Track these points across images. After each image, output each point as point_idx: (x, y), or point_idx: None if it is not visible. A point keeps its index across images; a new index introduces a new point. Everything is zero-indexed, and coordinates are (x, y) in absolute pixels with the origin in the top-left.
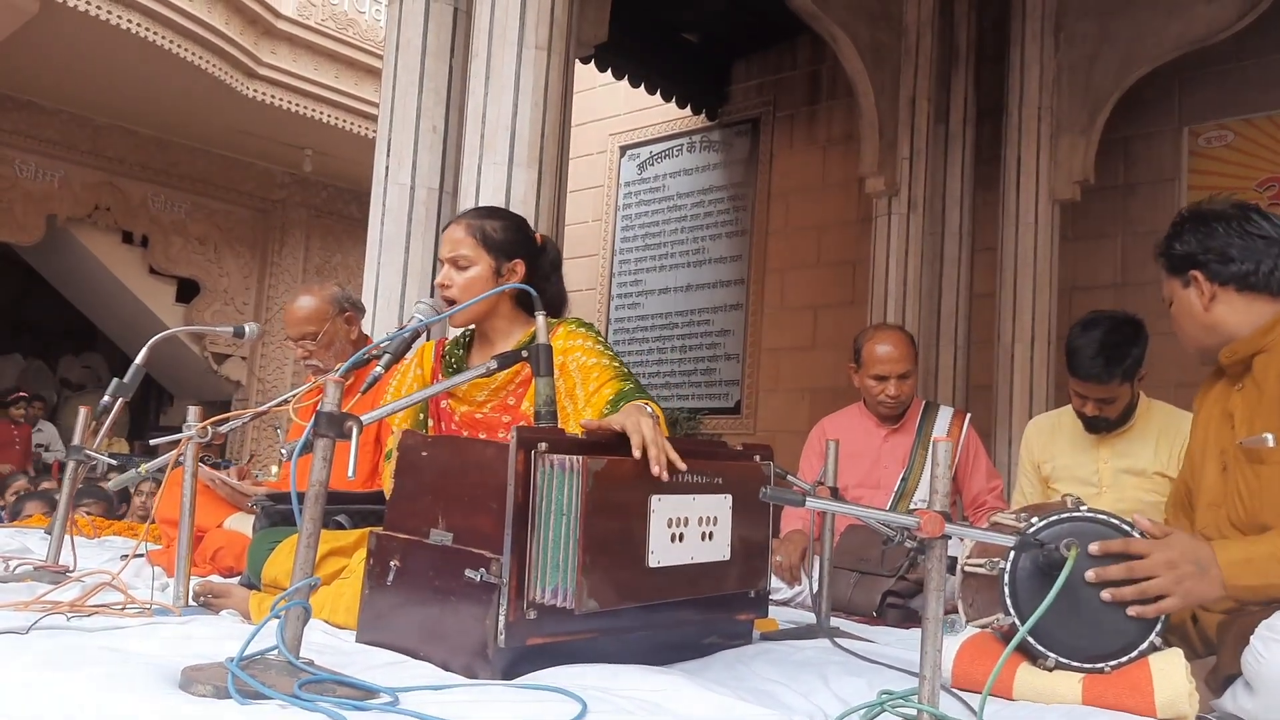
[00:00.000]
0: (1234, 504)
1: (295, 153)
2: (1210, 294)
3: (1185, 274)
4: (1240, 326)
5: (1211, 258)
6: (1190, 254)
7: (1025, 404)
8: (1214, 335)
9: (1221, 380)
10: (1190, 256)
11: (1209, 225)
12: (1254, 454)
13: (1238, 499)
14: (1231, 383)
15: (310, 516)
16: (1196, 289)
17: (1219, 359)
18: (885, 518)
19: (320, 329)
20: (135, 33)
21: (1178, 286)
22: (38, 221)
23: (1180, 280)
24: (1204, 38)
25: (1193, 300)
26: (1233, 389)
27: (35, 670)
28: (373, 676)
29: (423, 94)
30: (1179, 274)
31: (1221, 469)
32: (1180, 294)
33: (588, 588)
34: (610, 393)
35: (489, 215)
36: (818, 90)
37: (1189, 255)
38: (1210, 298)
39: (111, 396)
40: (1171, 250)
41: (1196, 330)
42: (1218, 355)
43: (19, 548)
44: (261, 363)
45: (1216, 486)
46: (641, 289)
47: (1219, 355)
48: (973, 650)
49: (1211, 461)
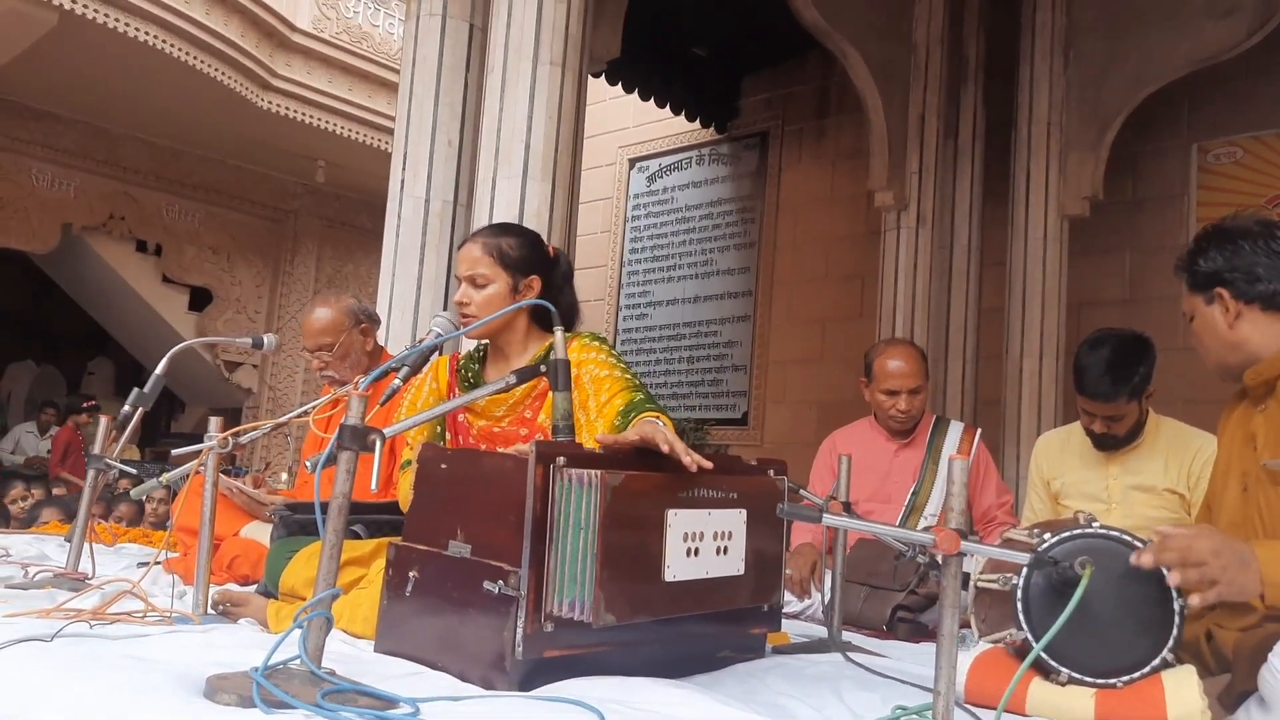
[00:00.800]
0: (1254, 524)
1: (308, 163)
2: (1235, 312)
3: (1209, 291)
4: (1264, 346)
5: (1238, 276)
6: (1215, 271)
7: (1034, 419)
8: (1237, 354)
9: (1244, 402)
10: (1215, 274)
11: (1235, 242)
12: (1276, 476)
13: (1258, 519)
14: (1254, 404)
15: (333, 528)
16: (1221, 306)
17: (1243, 380)
18: (901, 535)
19: (336, 340)
20: (152, 45)
21: (1200, 303)
22: (53, 230)
23: (1204, 297)
24: (1213, 55)
25: (1217, 318)
26: (1255, 411)
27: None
28: (391, 686)
29: (438, 108)
30: (1202, 290)
31: (1242, 489)
32: (1203, 310)
33: (605, 601)
34: (621, 403)
35: (505, 232)
36: (826, 105)
37: (1214, 272)
38: (1235, 316)
39: (132, 406)
40: (1195, 266)
41: (1219, 348)
42: (1238, 374)
43: (37, 554)
44: (273, 371)
45: (1237, 506)
46: (649, 300)
47: (1243, 376)
48: (985, 665)
49: (1233, 482)
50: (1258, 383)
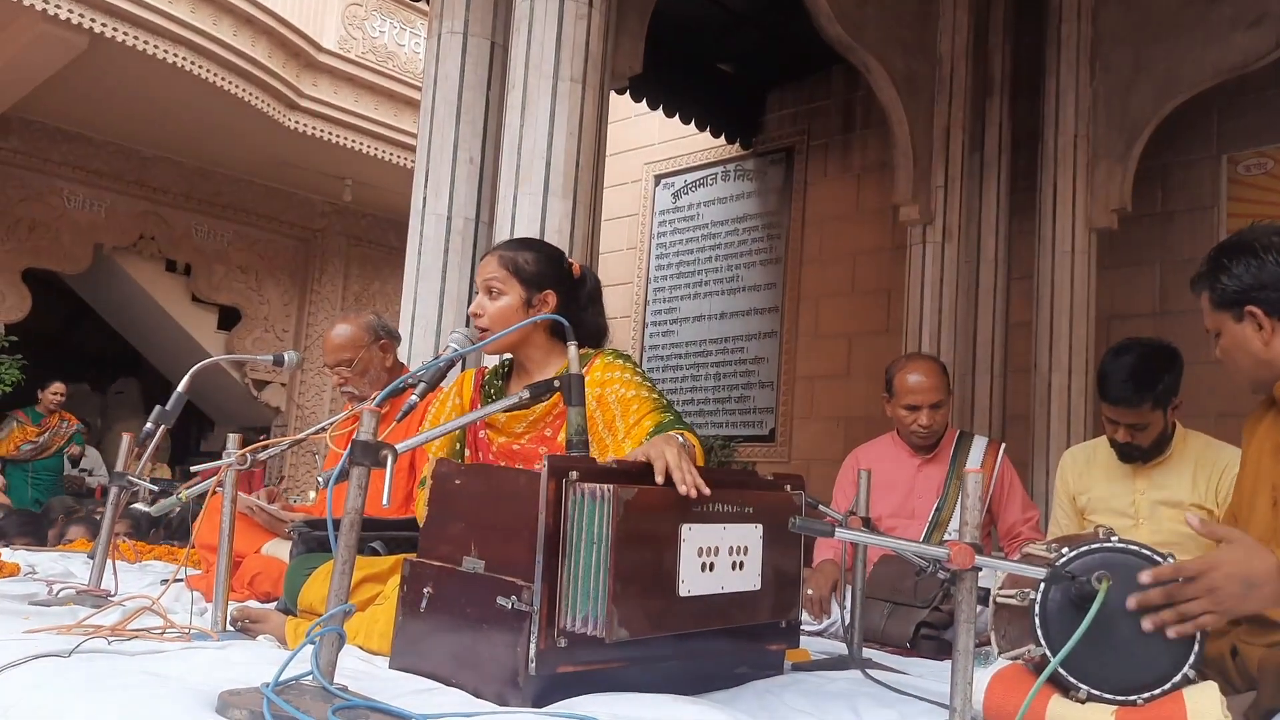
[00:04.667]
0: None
1: (335, 183)
2: (1271, 328)
3: (1239, 309)
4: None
5: (1269, 292)
6: (1244, 289)
7: (1063, 433)
8: (1271, 370)
9: (1272, 411)
10: (1244, 291)
11: (1259, 257)
12: None
13: None
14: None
15: (345, 544)
16: (1253, 324)
17: (1273, 391)
18: (916, 549)
19: (356, 356)
20: (181, 67)
21: (1229, 320)
22: (85, 251)
23: (1232, 314)
24: (1241, 65)
25: (1250, 336)
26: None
27: (76, 693)
28: (405, 703)
29: (460, 126)
30: (1230, 308)
31: (1272, 504)
32: (1232, 328)
33: (619, 616)
34: (650, 424)
35: (523, 247)
36: (852, 119)
37: (1242, 290)
38: (1271, 332)
39: (154, 424)
40: (1220, 284)
41: (1252, 365)
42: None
43: (62, 572)
44: (301, 389)
45: (1267, 522)
46: (676, 316)
47: (1273, 388)
48: (1004, 682)
49: (1262, 496)
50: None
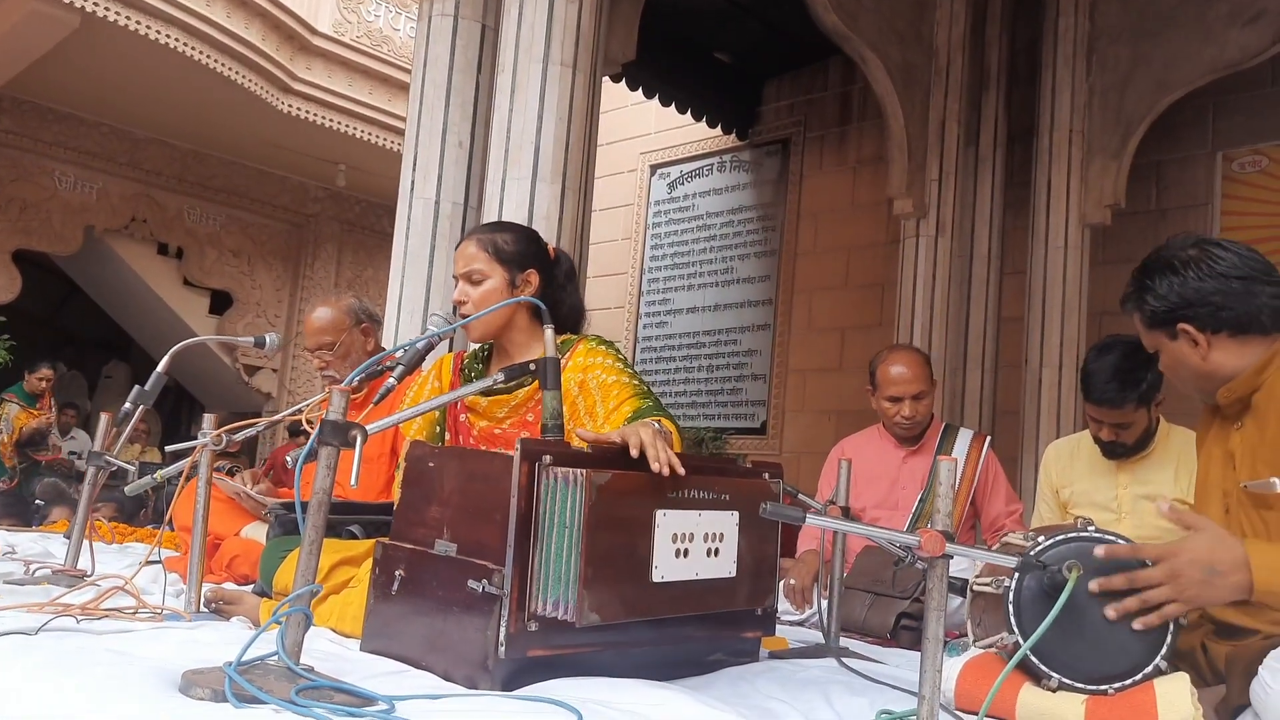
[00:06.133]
0: None
1: (329, 167)
2: (1206, 343)
3: (1171, 327)
4: (1240, 368)
5: (1197, 309)
6: (1172, 308)
7: (1053, 428)
8: (1212, 381)
9: (1217, 419)
10: (1172, 311)
11: (1180, 274)
12: (1259, 499)
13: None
14: (1229, 422)
15: (313, 524)
16: (1188, 340)
17: (1216, 399)
18: (888, 536)
19: (337, 339)
20: (174, 47)
21: (1163, 339)
22: (76, 232)
23: (1165, 333)
24: (1238, 62)
25: (1186, 351)
26: (1231, 428)
27: (39, 671)
28: (374, 685)
29: (449, 109)
30: (1163, 328)
31: (1224, 510)
32: (1169, 346)
33: (589, 600)
34: (630, 410)
35: (499, 229)
36: (848, 111)
37: (1170, 309)
38: (1207, 346)
39: (133, 404)
40: (1148, 305)
41: (1193, 378)
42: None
43: (41, 552)
44: (292, 375)
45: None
46: (670, 308)
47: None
48: (976, 670)
49: (1214, 503)
50: (1231, 400)
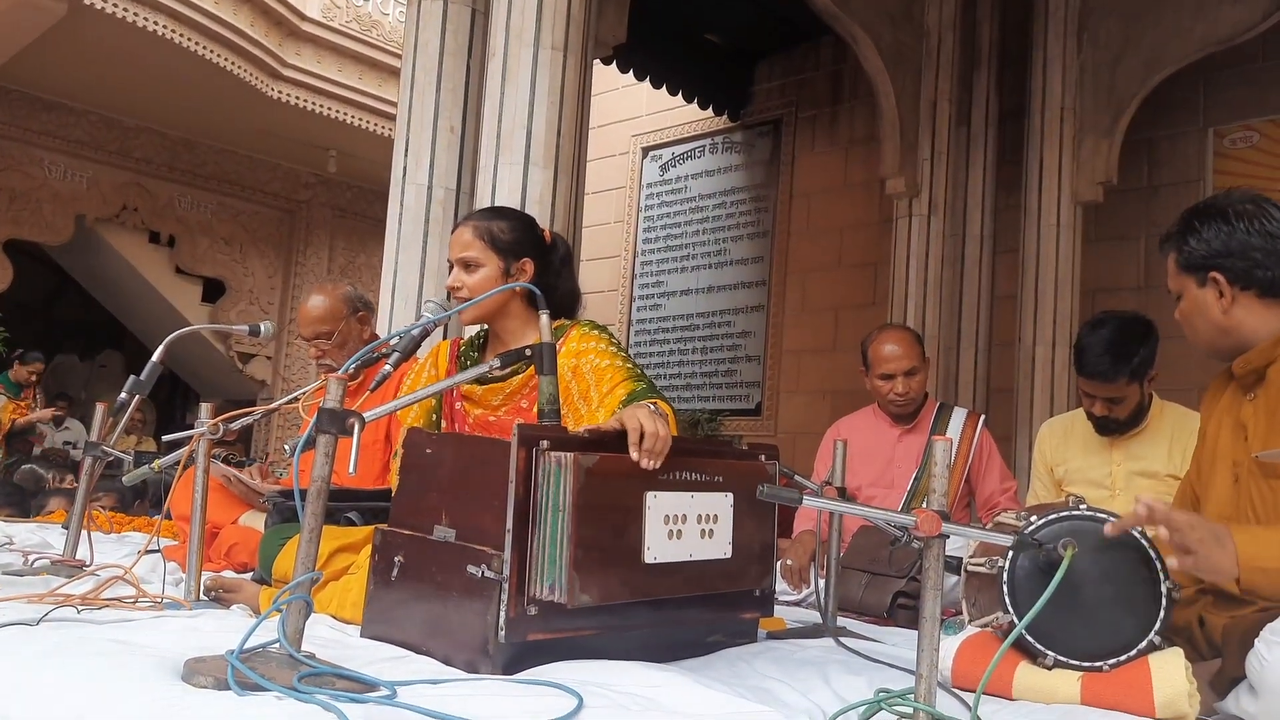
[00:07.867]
0: (1247, 516)
1: (320, 154)
2: (1231, 297)
3: (1203, 273)
4: (1257, 332)
5: (1235, 260)
6: (1211, 254)
7: (1046, 407)
8: (1228, 339)
9: (1232, 385)
10: (1210, 256)
11: (1230, 223)
12: (1270, 468)
13: (1250, 511)
14: (1243, 391)
15: (312, 512)
16: (1215, 290)
17: (1232, 368)
18: (884, 516)
19: (334, 328)
20: (162, 35)
21: (1192, 284)
22: (67, 222)
23: (1196, 279)
24: (1229, 38)
25: (1210, 301)
26: (1244, 398)
27: (42, 660)
28: (375, 671)
29: (440, 94)
30: (1195, 272)
31: (1233, 480)
32: (1195, 292)
33: (580, 582)
34: (623, 393)
35: (496, 216)
36: (840, 91)
37: (1209, 255)
38: (1231, 301)
39: (128, 393)
40: (1187, 246)
41: (1210, 331)
42: (1227, 357)
43: (39, 542)
44: (286, 362)
45: (1227, 498)
46: (663, 290)
47: (1232, 364)
48: (972, 649)
49: (1222, 472)
50: (1246, 371)
